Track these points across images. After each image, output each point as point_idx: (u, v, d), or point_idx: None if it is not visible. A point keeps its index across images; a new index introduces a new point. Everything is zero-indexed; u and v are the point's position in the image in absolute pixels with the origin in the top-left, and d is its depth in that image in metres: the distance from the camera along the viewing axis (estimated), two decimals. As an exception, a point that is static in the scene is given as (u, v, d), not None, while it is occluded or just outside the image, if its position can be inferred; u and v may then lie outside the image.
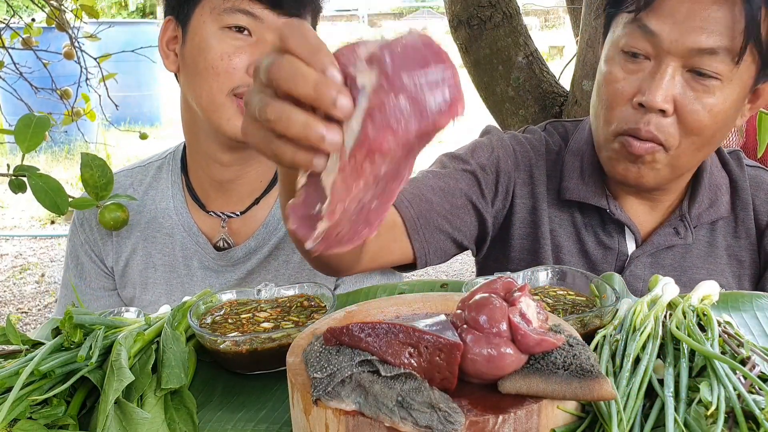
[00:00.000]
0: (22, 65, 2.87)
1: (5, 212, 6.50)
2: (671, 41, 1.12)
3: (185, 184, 1.50)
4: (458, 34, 2.93)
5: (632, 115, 1.18)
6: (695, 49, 1.12)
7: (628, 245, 1.34)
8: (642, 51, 1.16)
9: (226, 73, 1.28)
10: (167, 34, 1.36)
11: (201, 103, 1.34)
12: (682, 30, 1.12)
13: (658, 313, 0.89)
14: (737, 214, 1.34)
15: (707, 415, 0.71)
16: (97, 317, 1.00)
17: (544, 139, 1.41)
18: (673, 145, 1.18)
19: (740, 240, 1.34)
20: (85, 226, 1.52)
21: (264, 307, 1.04)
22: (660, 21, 1.13)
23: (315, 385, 0.69)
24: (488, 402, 0.68)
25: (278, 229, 1.47)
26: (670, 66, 1.14)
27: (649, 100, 1.14)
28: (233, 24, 1.27)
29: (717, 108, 1.15)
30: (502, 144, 1.38)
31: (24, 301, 4.63)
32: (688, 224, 1.31)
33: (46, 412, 0.85)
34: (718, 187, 1.33)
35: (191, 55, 1.32)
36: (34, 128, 1.24)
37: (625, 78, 1.18)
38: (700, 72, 1.13)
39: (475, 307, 0.71)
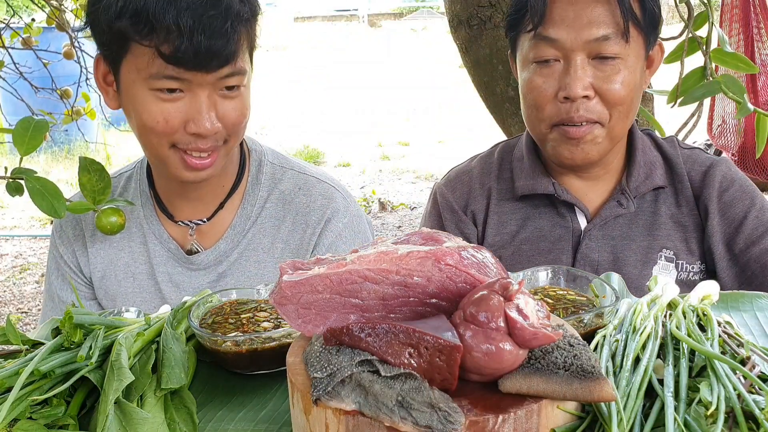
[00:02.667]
0: (22, 65, 2.87)
1: (5, 212, 6.50)
2: (571, 40, 1.35)
3: (152, 195, 1.51)
4: (458, 34, 2.93)
5: (561, 108, 1.38)
6: (591, 40, 1.34)
7: (580, 222, 1.52)
8: (551, 56, 1.38)
9: (164, 133, 1.28)
10: (100, 70, 1.34)
11: (146, 151, 1.38)
12: (576, 29, 1.35)
13: (658, 313, 0.89)
14: (675, 186, 1.51)
15: (707, 415, 0.71)
16: (97, 317, 1.00)
17: (497, 160, 1.64)
18: (605, 119, 1.38)
19: (682, 207, 1.50)
20: (63, 238, 1.53)
21: (264, 307, 1.04)
22: (556, 28, 1.36)
23: (315, 385, 0.69)
24: (488, 402, 0.68)
25: (247, 230, 1.47)
26: (577, 60, 1.36)
27: (571, 92, 1.35)
28: (162, 87, 1.25)
29: (626, 79, 1.37)
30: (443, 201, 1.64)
31: (24, 301, 4.63)
32: (629, 195, 1.48)
33: (46, 412, 0.85)
34: (651, 163, 1.52)
35: (128, 108, 1.32)
36: (32, 131, 1.24)
37: (544, 81, 1.39)
38: (603, 56, 1.36)
39: (474, 303, 0.71)
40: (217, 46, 1.23)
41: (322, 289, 0.76)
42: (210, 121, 1.27)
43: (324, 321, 0.76)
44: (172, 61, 1.22)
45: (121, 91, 1.31)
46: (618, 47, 1.35)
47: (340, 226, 1.48)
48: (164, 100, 1.26)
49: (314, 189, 1.50)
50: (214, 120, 1.28)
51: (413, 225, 5.78)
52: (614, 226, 1.49)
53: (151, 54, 1.22)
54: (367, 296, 0.76)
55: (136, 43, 1.23)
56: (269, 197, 1.49)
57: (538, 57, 1.39)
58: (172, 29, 1.20)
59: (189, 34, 1.20)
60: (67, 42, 2.93)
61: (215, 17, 1.22)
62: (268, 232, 1.47)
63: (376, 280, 0.75)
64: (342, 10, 21.52)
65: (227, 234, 1.47)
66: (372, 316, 0.76)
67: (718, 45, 1.57)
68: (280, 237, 1.47)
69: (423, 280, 0.76)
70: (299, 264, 0.80)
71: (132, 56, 1.25)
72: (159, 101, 1.26)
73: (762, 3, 3.93)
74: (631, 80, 1.38)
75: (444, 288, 0.76)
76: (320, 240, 1.47)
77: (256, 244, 1.47)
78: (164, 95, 1.26)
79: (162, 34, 1.21)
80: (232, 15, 1.24)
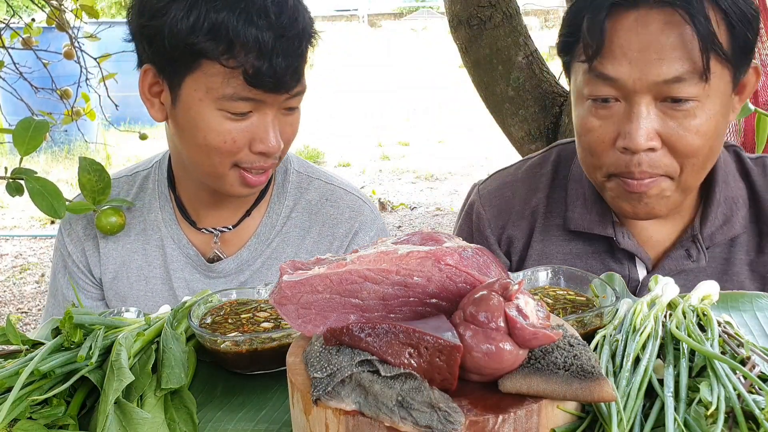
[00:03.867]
0: (22, 65, 2.87)
1: (5, 212, 6.50)
2: (634, 81, 1.09)
3: (174, 198, 1.47)
4: (458, 34, 2.93)
5: (621, 159, 1.14)
6: (660, 81, 1.08)
7: (638, 271, 1.29)
8: (609, 95, 1.13)
9: (229, 152, 1.24)
10: (147, 82, 1.28)
11: (199, 168, 1.31)
12: (641, 67, 1.08)
13: (658, 313, 0.89)
14: (760, 227, 1.26)
15: (707, 415, 0.71)
16: (97, 317, 1.00)
17: (550, 172, 1.37)
18: (675, 172, 1.14)
19: (764, 255, 1.25)
20: (72, 236, 1.49)
21: (264, 307, 1.04)
22: (615, 64, 1.10)
23: (315, 385, 0.69)
24: (488, 402, 0.68)
25: (272, 240, 1.45)
26: (642, 104, 1.10)
27: (631, 144, 1.10)
28: (235, 110, 1.21)
29: (704, 127, 1.11)
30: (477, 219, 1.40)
31: (24, 301, 4.63)
32: (701, 246, 1.25)
33: (46, 412, 0.85)
34: (733, 201, 1.26)
35: (187, 125, 1.25)
36: (32, 132, 1.24)
37: (601, 125, 1.15)
38: (675, 99, 1.10)
39: (474, 303, 0.71)
40: (294, 66, 1.21)
41: (322, 289, 0.76)
42: (276, 139, 1.25)
43: (324, 321, 0.76)
44: (253, 82, 1.18)
45: (178, 107, 1.25)
46: (695, 89, 1.08)
47: (366, 239, 1.46)
48: (233, 120, 1.22)
49: (342, 201, 1.48)
50: (279, 138, 1.26)
51: (413, 225, 5.78)
52: (678, 278, 1.20)
53: (226, 74, 1.18)
54: (367, 296, 0.76)
55: (209, 61, 1.18)
56: (295, 207, 1.46)
57: (594, 95, 1.14)
58: (252, 49, 1.16)
59: (269, 54, 1.16)
60: (67, 42, 2.93)
61: (294, 38, 1.20)
62: (293, 242, 1.45)
63: (376, 280, 0.75)
64: (342, 10, 21.51)
65: (251, 242, 1.44)
66: (372, 316, 0.76)
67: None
68: (305, 247, 1.44)
69: (423, 280, 0.76)
70: (299, 264, 0.80)
71: (202, 74, 1.20)
72: (227, 121, 1.22)
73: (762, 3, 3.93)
74: (709, 127, 1.10)
75: (444, 288, 0.76)
76: (350, 245, 1.44)
77: (280, 253, 1.44)
78: (233, 117, 1.22)
79: (242, 53, 1.17)
80: (306, 34, 1.23)
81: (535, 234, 1.35)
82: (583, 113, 1.17)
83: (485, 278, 0.76)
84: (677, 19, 1.07)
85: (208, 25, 1.16)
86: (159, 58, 1.23)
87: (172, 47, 1.19)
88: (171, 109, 1.27)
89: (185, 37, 1.17)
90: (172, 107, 1.26)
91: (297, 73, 1.23)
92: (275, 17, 1.17)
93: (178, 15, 1.16)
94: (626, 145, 1.11)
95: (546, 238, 1.33)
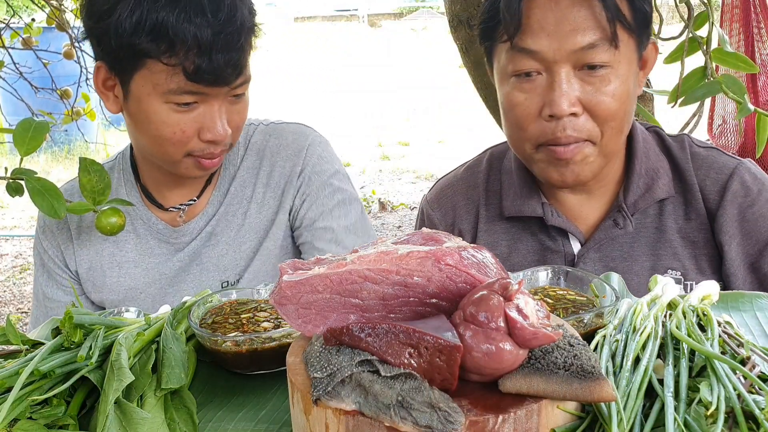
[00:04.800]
0: (22, 65, 2.87)
1: (5, 212, 6.50)
2: (554, 51, 1.20)
3: (138, 184, 1.53)
4: (458, 34, 2.93)
5: (546, 127, 1.24)
6: (577, 49, 1.20)
7: (573, 245, 1.38)
8: (531, 69, 1.23)
9: (180, 142, 1.31)
10: (101, 77, 1.34)
11: (155, 155, 1.38)
12: (559, 38, 1.20)
13: (658, 313, 0.89)
14: (685, 196, 1.35)
15: (707, 415, 0.71)
16: (97, 317, 1.00)
17: (485, 170, 1.50)
18: (597, 136, 1.24)
19: (691, 221, 1.34)
20: (47, 233, 1.53)
21: (264, 307, 1.04)
22: (535, 38, 1.21)
23: (315, 385, 0.69)
24: (488, 402, 0.68)
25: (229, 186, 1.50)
26: (561, 72, 1.21)
27: (556, 110, 1.21)
28: (180, 101, 1.27)
29: (618, 90, 1.22)
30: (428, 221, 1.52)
31: (24, 301, 4.63)
32: (626, 213, 1.33)
33: (46, 412, 0.85)
34: (654, 171, 1.35)
35: (139, 117, 1.32)
36: (32, 132, 1.24)
37: (526, 98, 1.24)
38: (590, 66, 1.21)
39: (473, 303, 0.71)
40: (233, 61, 1.26)
41: (322, 289, 0.76)
42: (222, 127, 1.31)
43: (324, 321, 0.76)
44: (194, 78, 1.24)
45: (129, 100, 1.31)
46: (607, 55, 1.20)
47: (319, 150, 1.52)
48: (180, 112, 1.29)
49: (284, 131, 1.55)
50: (226, 126, 1.32)
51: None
52: (612, 247, 1.35)
53: (169, 71, 1.24)
54: (367, 296, 0.76)
55: (152, 60, 1.24)
56: (246, 153, 1.53)
57: (517, 70, 1.24)
58: (192, 46, 1.21)
59: (208, 51, 1.22)
60: (67, 42, 2.93)
61: (232, 34, 1.24)
62: (248, 182, 1.51)
63: (376, 280, 0.75)
64: (342, 10, 21.52)
65: (212, 197, 1.50)
66: (372, 316, 0.76)
67: (719, 45, 1.56)
68: (261, 181, 1.50)
69: (423, 280, 0.76)
70: (299, 264, 0.80)
71: (147, 71, 1.26)
72: (174, 113, 1.28)
73: (762, 3, 3.92)
74: (623, 90, 1.23)
75: (444, 288, 0.76)
76: (305, 167, 1.49)
77: (239, 195, 1.50)
78: (180, 108, 1.28)
79: (182, 51, 1.22)
80: (245, 29, 1.27)
81: (479, 225, 1.46)
82: (508, 90, 1.28)
83: (485, 278, 0.76)
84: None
85: (149, 25, 1.21)
86: (108, 57, 1.30)
87: (118, 47, 1.25)
88: (124, 102, 1.34)
89: (129, 38, 1.22)
90: (125, 101, 1.33)
91: (238, 67, 1.28)
92: (212, 14, 1.23)
93: (123, 16, 1.22)
94: (552, 112, 1.21)
95: (489, 227, 1.45)
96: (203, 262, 1.49)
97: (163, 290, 1.50)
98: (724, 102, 4.30)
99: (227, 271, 1.49)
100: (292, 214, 1.50)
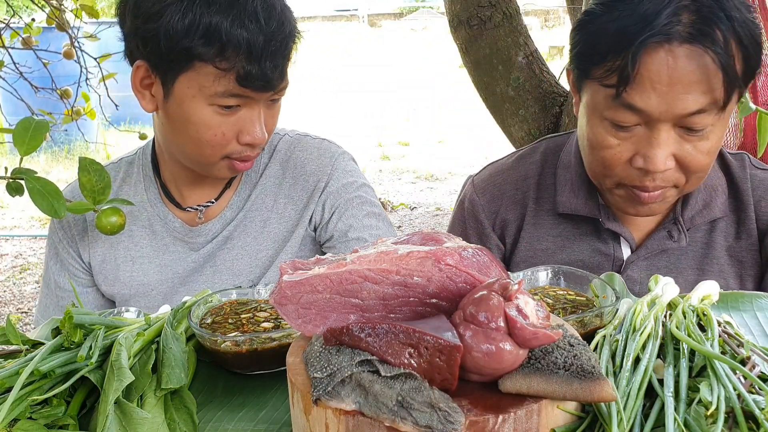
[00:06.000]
0: (22, 65, 2.87)
1: (5, 212, 6.50)
2: (660, 112, 1.13)
3: (158, 181, 1.53)
4: (458, 34, 2.93)
5: (634, 174, 1.20)
6: (685, 114, 1.13)
7: (623, 251, 1.36)
8: (632, 123, 1.17)
9: (219, 145, 1.32)
10: (139, 76, 1.33)
11: (190, 157, 1.38)
12: (669, 100, 1.12)
13: (658, 313, 0.89)
14: (738, 215, 1.34)
15: (707, 415, 0.71)
16: (97, 317, 1.00)
17: (539, 161, 1.45)
18: (681, 183, 1.22)
19: (741, 241, 1.34)
20: (63, 223, 1.54)
21: (264, 307, 1.04)
22: (644, 96, 1.13)
23: (315, 385, 0.69)
24: (488, 402, 0.68)
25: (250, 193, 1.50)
26: (662, 130, 1.15)
27: (652, 167, 1.16)
28: (224, 104, 1.28)
29: (714, 146, 1.18)
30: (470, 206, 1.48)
31: (24, 301, 4.63)
32: (682, 227, 1.32)
33: (46, 412, 0.85)
34: (713, 188, 1.34)
35: (179, 118, 1.32)
36: (32, 132, 1.24)
37: (620, 144, 1.19)
38: (693, 129, 1.15)
39: (473, 303, 0.71)
40: (280, 67, 1.28)
41: (322, 289, 0.76)
42: (261, 130, 1.33)
43: (324, 321, 0.76)
44: (244, 83, 1.25)
45: (170, 101, 1.31)
46: (712, 119, 1.14)
47: (344, 164, 1.53)
48: (222, 115, 1.29)
49: (310, 144, 1.55)
50: (264, 129, 1.34)
51: (413, 225, 5.78)
52: (660, 259, 1.34)
53: (218, 74, 1.24)
54: (367, 296, 0.76)
55: (202, 63, 1.24)
56: (270, 161, 1.53)
57: (617, 121, 1.17)
58: (243, 52, 1.22)
59: (259, 57, 1.23)
60: (67, 42, 2.93)
61: (282, 41, 1.26)
62: (270, 191, 1.51)
63: (376, 280, 0.75)
64: (342, 10, 21.52)
65: (232, 201, 1.50)
66: (372, 316, 0.76)
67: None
68: (283, 192, 1.51)
69: (423, 280, 0.76)
70: (299, 264, 0.80)
71: (194, 73, 1.26)
72: (217, 116, 1.29)
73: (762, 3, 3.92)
74: (718, 144, 1.19)
75: (444, 288, 0.76)
76: (330, 181, 1.50)
77: (260, 204, 1.50)
78: (223, 111, 1.29)
79: (233, 56, 1.23)
80: (292, 37, 1.31)
81: (526, 217, 1.42)
82: (600, 131, 1.21)
83: (485, 278, 0.76)
84: (703, 54, 1.10)
85: (202, 29, 1.21)
86: (153, 57, 1.28)
87: (167, 49, 1.24)
88: (163, 102, 1.33)
89: (180, 40, 1.22)
90: (164, 101, 1.32)
91: (283, 73, 1.30)
92: (265, 22, 1.24)
93: (174, 18, 1.21)
94: (646, 167, 1.17)
95: (537, 221, 1.41)
96: (217, 264, 1.50)
97: (174, 288, 1.50)
98: (724, 102, 4.27)
99: (241, 276, 1.49)
100: (320, 227, 1.51)
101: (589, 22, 1.20)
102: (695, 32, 1.10)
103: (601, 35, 1.16)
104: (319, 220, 1.50)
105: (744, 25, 1.11)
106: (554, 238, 1.39)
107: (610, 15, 1.16)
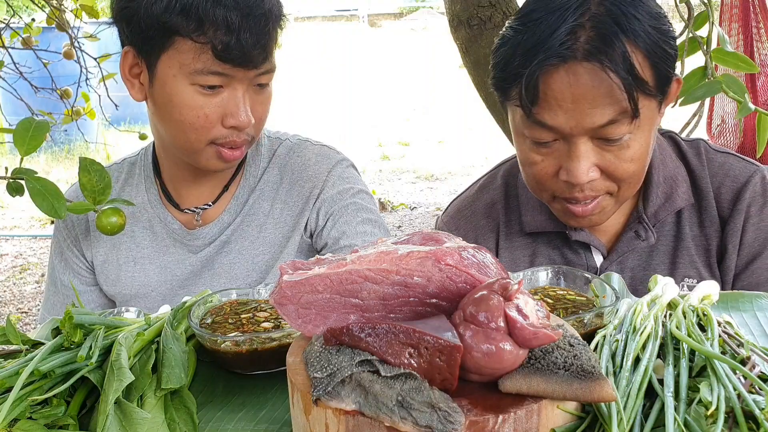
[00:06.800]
0: (22, 65, 2.87)
1: (5, 212, 6.50)
2: (571, 127, 1.16)
3: (158, 182, 1.54)
4: (458, 34, 2.93)
5: (563, 186, 1.23)
6: (596, 126, 1.15)
7: (595, 258, 1.38)
8: (548, 139, 1.20)
9: (203, 128, 1.32)
10: (128, 63, 1.36)
11: (177, 144, 1.39)
12: (576, 116, 1.15)
13: (658, 313, 0.89)
14: (700, 203, 1.35)
15: (707, 415, 0.71)
16: (97, 317, 1.00)
17: (501, 187, 1.47)
18: (614, 190, 1.24)
19: (705, 228, 1.34)
20: (67, 221, 1.55)
21: (264, 307, 1.04)
22: (552, 114, 1.16)
23: (315, 385, 0.69)
24: (488, 402, 0.68)
25: (248, 198, 1.51)
26: (580, 143, 1.18)
27: (574, 179, 1.19)
28: (205, 83, 1.30)
29: (638, 153, 1.20)
30: None
31: (24, 301, 4.63)
32: (647, 225, 1.34)
33: (46, 412, 0.85)
34: (673, 179, 1.34)
35: (162, 101, 1.34)
36: (33, 132, 1.24)
37: (543, 159, 1.23)
38: (610, 139, 1.17)
39: (473, 303, 0.71)
40: (261, 43, 1.29)
41: (322, 289, 0.76)
42: (246, 114, 1.33)
43: (324, 321, 0.76)
44: (222, 57, 1.27)
45: (155, 84, 1.34)
46: (626, 126, 1.16)
47: (341, 171, 1.53)
48: (205, 95, 1.31)
49: (308, 149, 1.55)
50: (249, 113, 1.34)
51: (413, 225, 5.78)
52: (632, 258, 1.35)
53: (197, 49, 1.27)
54: (367, 296, 0.76)
55: (181, 38, 1.27)
56: (268, 165, 1.54)
57: (534, 138, 1.21)
58: (221, 26, 1.25)
59: (237, 31, 1.26)
60: (67, 42, 2.93)
61: (260, 17, 1.28)
62: (267, 196, 1.51)
63: (376, 280, 0.75)
64: (342, 10, 21.51)
65: (230, 206, 1.51)
66: (372, 316, 0.76)
67: (718, 44, 1.56)
68: (279, 198, 1.51)
69: (423, 280, 0.76)
70: (299, 264, 0.80)
71: (175, 51, 1.29)
72: (199, 96, 1.31)
73: (762, 3, 3.92)
74: (643, 150, 1.20)
75: (444, 288, 0.76)
76: (325, 188, 1.49)
77: (257, 208, 1.51)
78: (205, 91, 1.30)
79: (210, 30, 1.26)
80: (273, 15, 1.32)
81: (500, 242, 1.44)
82: (524, 148, 1.25)
83: (485, 278, 0.76)
84: (601, 70, 1.13)
85: (179, 6, 1.25)
86: (136, 38, 1.32)
87: (147, 26, 1.28)
88: (149, 88, 1.35)
89: (159, 16, 1.26)
90: (150, 86, 1.35)
91: (264, 51, 1.32)
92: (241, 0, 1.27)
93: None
94: (569, 180, 1.20)
95: (510, 244, 1.43)
96: (215, 267, 1.50)
97: (173, 291, 1.50)
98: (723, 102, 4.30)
99: (238, 280, 1.49)
100: (316, 235, 1.50)
101: (501, 45, 1.23)
102: (593, 50, 1.12)
103: (510, 58, 1.19)
104: (314, 227, 1.50)
105: (648, 36, 1.15)
106: (529, 258, 1.41)
107: (515, 38, 1.19)
